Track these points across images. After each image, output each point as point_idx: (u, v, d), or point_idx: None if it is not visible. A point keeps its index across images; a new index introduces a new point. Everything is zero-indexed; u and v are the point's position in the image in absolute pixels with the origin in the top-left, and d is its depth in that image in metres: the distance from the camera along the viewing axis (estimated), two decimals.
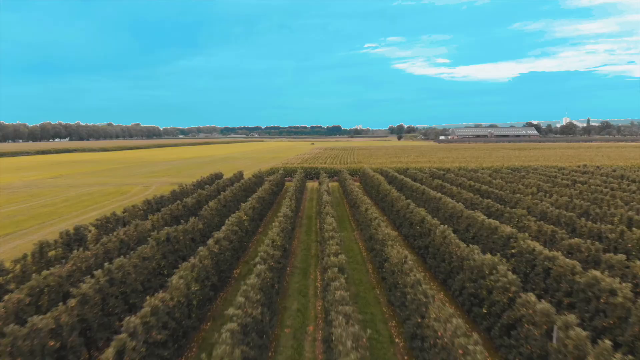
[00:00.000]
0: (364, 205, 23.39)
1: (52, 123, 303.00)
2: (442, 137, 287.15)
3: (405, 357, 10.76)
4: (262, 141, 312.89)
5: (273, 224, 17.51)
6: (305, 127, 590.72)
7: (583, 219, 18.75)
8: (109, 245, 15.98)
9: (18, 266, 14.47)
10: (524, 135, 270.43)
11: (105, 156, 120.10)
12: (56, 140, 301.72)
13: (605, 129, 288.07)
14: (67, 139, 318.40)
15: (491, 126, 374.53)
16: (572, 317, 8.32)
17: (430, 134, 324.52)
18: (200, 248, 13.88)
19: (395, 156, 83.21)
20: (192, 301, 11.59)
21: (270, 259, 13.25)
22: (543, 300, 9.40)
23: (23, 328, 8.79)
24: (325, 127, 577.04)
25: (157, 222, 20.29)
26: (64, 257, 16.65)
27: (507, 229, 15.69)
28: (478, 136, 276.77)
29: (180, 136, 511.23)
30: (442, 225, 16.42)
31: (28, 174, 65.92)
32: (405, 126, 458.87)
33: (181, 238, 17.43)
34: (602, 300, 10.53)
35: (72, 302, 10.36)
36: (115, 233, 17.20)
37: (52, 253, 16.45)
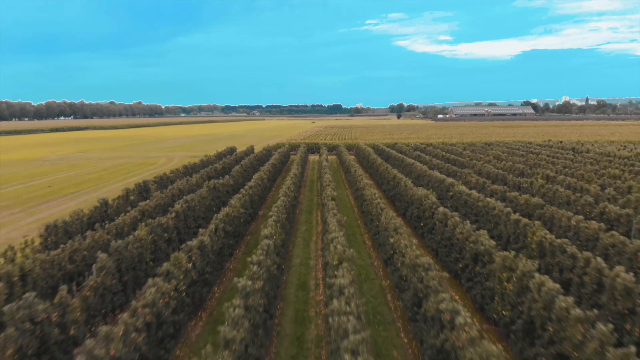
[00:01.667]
0: (353, 168, 30.35)
1: (57, 101, 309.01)
2: (440, 116, 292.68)
3: (371, 249, 17.83)
4: (264, 120, 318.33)
5: (286, 180, 24.46)
6: (306, 106, 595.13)
7: (511, 175, 25.72)
8: (173, 192, 22.98)
9: (116, 202, 21.47)
10: (520, 114, 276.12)
11: (116, 134, 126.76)
12: (61, 118, 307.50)
13: (601, 108, 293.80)
14: (72, 117, 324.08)
15: (490, 105, 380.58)
16: (456, 214, 15.32)
17: (429, 113, 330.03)
18: (241, 190, 20.91)
19: (389, 133, 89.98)
20: (241, 219, 18.62)
21: (288, 197, 20.21)
22: (458, 215, 16.38)
23: (154, 220, 15.78)
24: (326, 105, 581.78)
25: (199, 179, 27.26)
26: (140, 200, 23.65)
27: (449, 180, 22.68)
28: (475, 115, 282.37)
29: (182, 114, 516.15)
30: (405, 178, 23.41)
31: (56, 149, 72.80)
32: (406, 105, 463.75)
33: (221, 189, 24.43)
34: (490, 214, 17.54)
35: (172, 214, 17.34)
36: (174, 184, 24.17)
37: (132, 197, 23.46)
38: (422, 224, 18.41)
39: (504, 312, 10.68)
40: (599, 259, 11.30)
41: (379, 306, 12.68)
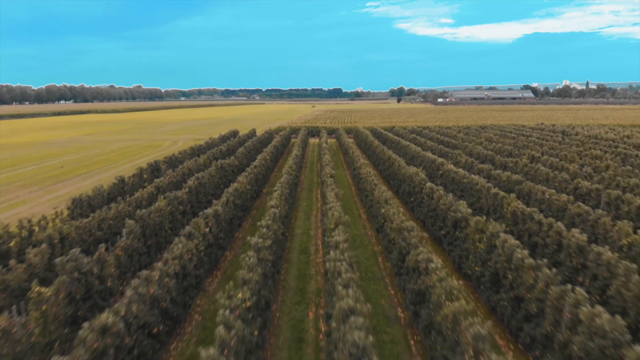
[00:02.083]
0: (351, 150, 32.09)
1: (57, 85, 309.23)
2: (440, 100, 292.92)
3: (366, 221, 19.66)
4: (264, 104, 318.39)
5: (288, 160, 26.20)
6: (306, 90, 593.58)
7: (499, 155, 27.46)
8: (184, 170, 24.76)
9: (131, 180, 23.27)
10: (519, 98, 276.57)
11: (119, 117, 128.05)
12: (62, 102, 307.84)
13: (600, 92, 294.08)
14: (72, 100, 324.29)
15: (491, 88, 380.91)
16: (440, 188, 17.11)
17: (430, 97, 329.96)
18: (246, 169, 22.68)
19: (388, 117, 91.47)
20: (247, 194, 20.43)
21: (290, 175, 21.98)
22: (442, 189, 18.17)
23: (171, 194, 17.58)
24: (326, 89, 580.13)
25: (206, 160, 29.03)
26: (152, 179, 25.42)
27: (440, 160, 24.44)
28: (475, 98, 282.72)
29: (182, 98, 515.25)
30: (399, 158, 25.17)
31: (62, 132, 74.37)
32: (406, 88, 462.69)
33: (227, 168, 26.21)
34: (473, 189, 19.33)
35: (185, 189, 19.14)
36: (184, 164, 25.93)
37: (145, 176, 25.24)
38: (412, 199, 20.23)
39: (476, 268, 12.53)
40: (559, 223, 13.12)
41: (370, 266, 14.55)
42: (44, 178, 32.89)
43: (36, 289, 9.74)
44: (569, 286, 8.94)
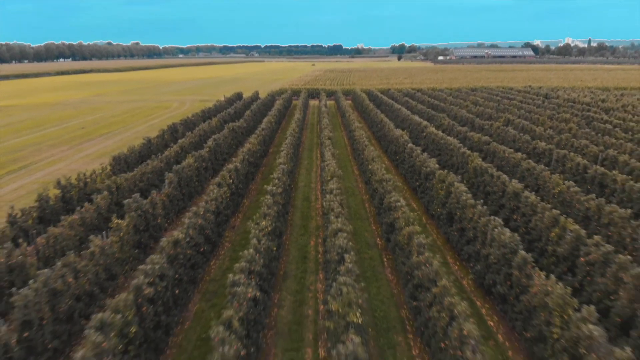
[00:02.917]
0: (348, 113, 35.56)
1: (56, 43, 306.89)
2: (440, 58, 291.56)
3: (358, 176, 23.49)
4: (263, 61, 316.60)
5: (290, 123, 29.73)
6: (305, 46, 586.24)
7: (478, 119, 31.03)
8: (200, 132, 28.39)
9: (156, 140, 26.92)
10: (520, 56, 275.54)
11: (122, 77, 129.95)
12: (60, 60, 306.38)
13: (600, 51, 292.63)
14: (70, 58, 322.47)
15: (492, 46, 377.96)
16: (418, 148, 20.83)
17: (430, 54, 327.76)
18: (255, 131, 26.31)
19: (386, 78, 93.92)
20: (258, 153, 24.16)
21: (293, 137, 25.62)
22: (420, 149, 21.86)
23: (196, 152, 21.29)
24: (326, 46, 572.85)
25: (217, 122, 32.58)
26: (171, 139, 29.04)
27: (424, 123, 28.02)
28: (475, 57, 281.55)
29: (180, 55, 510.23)
30: (389, 121, 28.73)
31: (72, 93, 77.21)
32: (407, 45, 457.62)
33: (237, 130, 29.82)
34: (447, 148, 23.04)
35: (206, 149, 22.84)
36: (200, 126, 29.53)
37: (166, 137, 28.87)
38: (397, 157, 23.98)
39: (438, 209, 16.41)
40: (504, 175, 16.92)
41: (359, 210, 18.48)
42: (70, 138, 36.40)
43: (115, 221, 13.61)
44: (492, 217, 12.80)
